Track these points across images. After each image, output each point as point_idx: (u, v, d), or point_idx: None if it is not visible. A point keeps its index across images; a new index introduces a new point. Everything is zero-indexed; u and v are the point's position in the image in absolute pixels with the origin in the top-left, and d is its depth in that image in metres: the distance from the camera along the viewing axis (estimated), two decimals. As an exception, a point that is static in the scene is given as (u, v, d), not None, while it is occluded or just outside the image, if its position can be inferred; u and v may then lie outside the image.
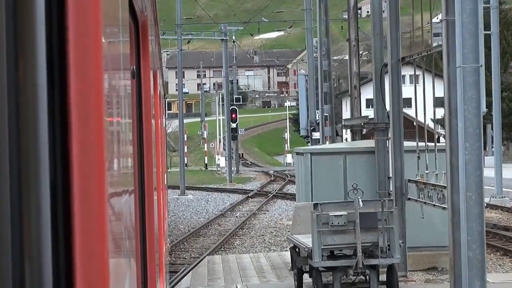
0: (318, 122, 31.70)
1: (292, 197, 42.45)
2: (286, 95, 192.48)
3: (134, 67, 3.11)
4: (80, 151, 1.21)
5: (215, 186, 53.23)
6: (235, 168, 64.93)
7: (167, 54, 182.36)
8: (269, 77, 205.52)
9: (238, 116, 62.92)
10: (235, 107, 62.58)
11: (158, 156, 5.64)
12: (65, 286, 1.18)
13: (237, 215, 33.74)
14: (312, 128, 31.71)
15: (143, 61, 3.54)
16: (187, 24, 57.99)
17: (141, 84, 3.42)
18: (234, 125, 61.58)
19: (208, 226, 29.79)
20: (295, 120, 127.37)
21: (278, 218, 32.27)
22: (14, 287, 1.11)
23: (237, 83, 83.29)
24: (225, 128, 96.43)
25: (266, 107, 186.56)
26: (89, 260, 1.22)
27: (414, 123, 16.45)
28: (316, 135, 31.69)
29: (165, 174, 9.56)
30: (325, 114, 31.35)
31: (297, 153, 19.17)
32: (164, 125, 10.06)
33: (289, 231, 26.04)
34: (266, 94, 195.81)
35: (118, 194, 1.59)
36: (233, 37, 63.35)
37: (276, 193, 44.40)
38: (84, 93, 1.23)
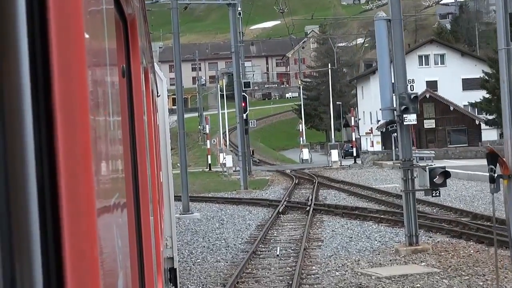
0: (413, 97, 18.89)
1: (342, 211, 29.53)
2: (287, 85, 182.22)
3: (124, 65, 3.06)
4: (67, 151, 1.19)
5: (227, 195, 40.45)
6: (247, 169, 52.07)
7: (159, 47, 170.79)
8: (268, 68, 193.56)
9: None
10: (245, 94, 49.66)
11: (152, 154, 5.58)
12: (55, 286, 1.17)
13: (277, 252, 20.98)
14: (404, 107, 18.86)
15: (133, 59, 3.50)
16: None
17: (132, 82, 3.37)
18: (244, 116, 48.75)
19: (239, 285, 17.01)
20: (300, 112, 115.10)
21: (348, 257, 19.51)
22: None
23: (244, 67, 69.51)
24: (229, 121, 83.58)
25: (267, 99, 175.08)
26: (80, 260, 1.21)
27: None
28: (411, 118, 18.88)
29: (161, 172, 9.63)
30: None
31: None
32: (157, 123, 9.18)
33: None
34: (266, 86, 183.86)
35: (107, 193, 1.58)
36: (239, 8, 50.52)
37: (314, 205, 31.75)
38: (68, 92, 1.21)
